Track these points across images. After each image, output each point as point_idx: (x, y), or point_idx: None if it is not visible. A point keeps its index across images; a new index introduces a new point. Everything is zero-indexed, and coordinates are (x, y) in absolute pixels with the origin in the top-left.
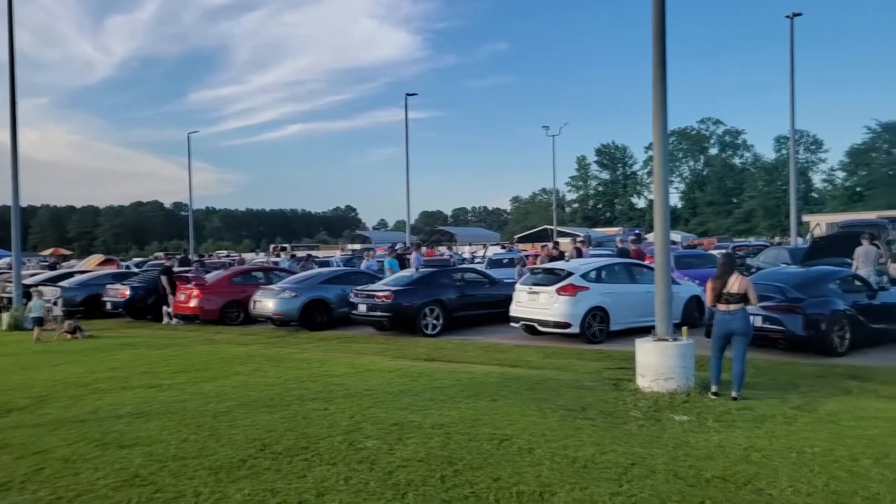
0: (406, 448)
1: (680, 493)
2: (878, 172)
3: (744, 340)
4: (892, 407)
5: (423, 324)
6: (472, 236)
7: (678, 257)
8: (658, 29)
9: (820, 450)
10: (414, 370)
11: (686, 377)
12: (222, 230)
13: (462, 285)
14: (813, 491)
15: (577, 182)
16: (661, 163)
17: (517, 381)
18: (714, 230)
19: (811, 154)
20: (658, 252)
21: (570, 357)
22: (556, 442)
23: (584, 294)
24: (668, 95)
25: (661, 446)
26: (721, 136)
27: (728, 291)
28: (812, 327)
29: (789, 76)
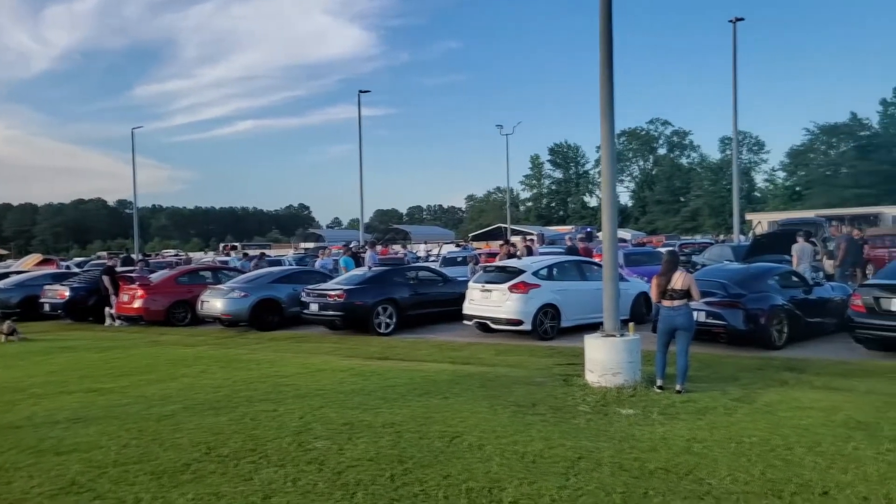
0: (356, 448)
1: (624, 485)
2: (815, 172)
3: (687, 335)
4: (825, 397)
5: (377, 322)
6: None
7: (627, 255)
8: (605, 30)
9: (757, 439)
10: (366, 369)
11: (633, 372)
12: (169, 228)
13: (415, 284)
14: (750, 479)
15: (530, 181)
16: (609, 162)
17: (469, 378)
18: (662, 228)
19: (754, 155)
20: (606, 250)
21: (522, 354)
22: (506, 438)
23: (536, 291)
24: (615, 96)
25: (608, 440)
26: (669, 136)
27: (672, 288)
28: (752, 322)
29: (732, 80)
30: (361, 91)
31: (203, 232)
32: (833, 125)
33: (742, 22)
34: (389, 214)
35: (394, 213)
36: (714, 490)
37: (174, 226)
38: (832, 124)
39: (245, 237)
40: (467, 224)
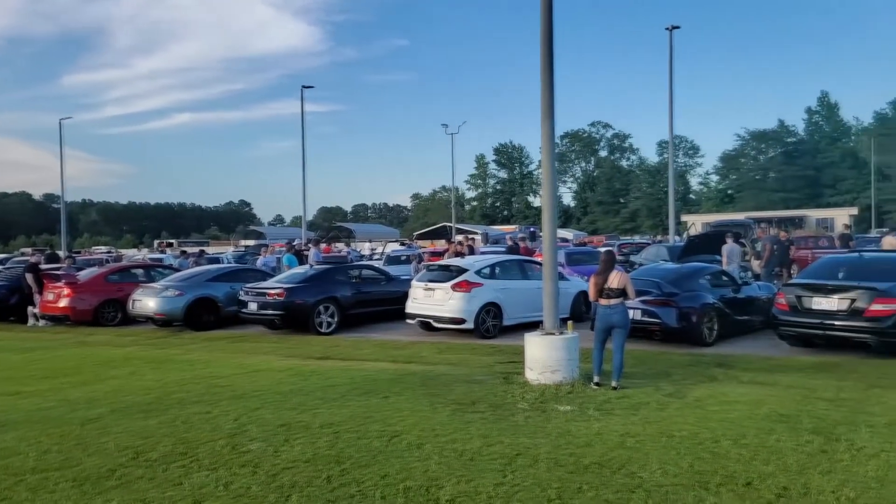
0: (293, 449)
1: (560, 480)
2: (746, 177)
3: (623, 333)
4: (751, 391)
5: (318, 322)
6: (372, 233)
7: (569, 254)
8: (545, 33)
9: (687, 433)
10: (306, 369)
11: (571, 369)
12: (100, 224)
13: (358, 282)
14: (679, 472)
15: (475, 180)
16: (549, 163)
17: (411, 377)
18: (603, 228)
19: (689, 158)
20: (546, 249)
21: (464, 352)
22: (445, 436)
23: (479, 290)
24: (558, 98)
25: (545, 436)
26: (610, 139)
27: (609, 287)
28: (684, 319)
29: (668, 86)
30: (305, 87)
31: (137, 228)
32: (762, 131)
33: (679, 30)
34: (334, 212)
35: (338, 211)
36: (645, 483)
37: (105, 221)
38: (761, 131)
39: (182, 234)
40: (412, 223)
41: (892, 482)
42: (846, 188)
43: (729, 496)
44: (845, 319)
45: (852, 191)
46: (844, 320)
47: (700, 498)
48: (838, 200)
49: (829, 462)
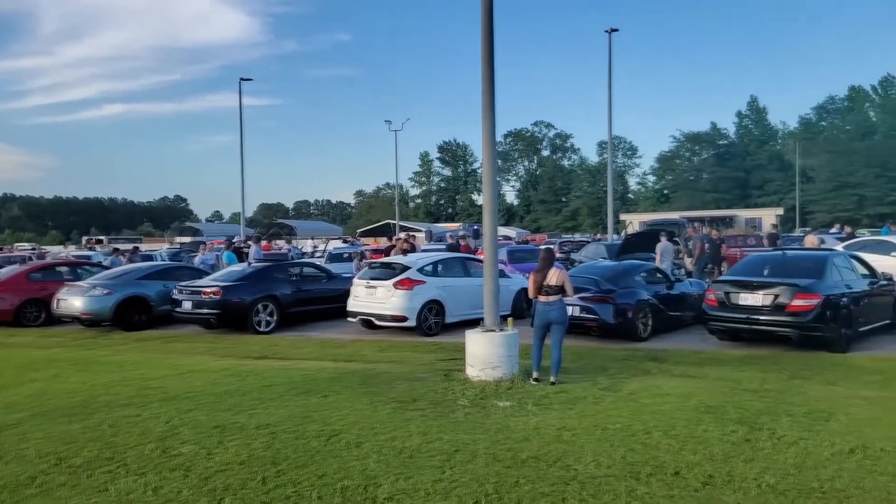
0: (227, 451)
1: (497, 475)
2: (681, 177)
3: (561, 329)
4: (682, 384)
5: (256, 320)
6: (314, 230)
7: (511, 252)
8: (486, 30)
9: (621, 426)
10: (242, 369)
11: (511, 365)
12: (23, 220)
13: (298, 280)
14: (612, 463)
15: (420, 178)
16: (490, 161)
17: (351, 375)
18: (546, 227)
19: (628, 159)
20: (486, 247)
21: (406, 350)
22: (384, 434)
23: (421, 288)
24: (500, 97)
25: (484, 432)
26: (552, 138)
27: (547, 284)
28: (621, 316)
29: (608, 87)
30: (243, 79)
31: (64, 224)
32: (696, 134)
33: (619, 33)
34: (275, 209)
35: (279, 208)
36: (580, 475)
37: (29, 217)
38: (695, 133)
39: (113, 230)
40: (356, 220)
41: (809, 468)
42: (773, 189)
43: (658, 485)
44: (769, 314)
45: (779, 192)
46: (769, 315)
47: (631, 488)
48: (766, 201)
49: (752, 450)
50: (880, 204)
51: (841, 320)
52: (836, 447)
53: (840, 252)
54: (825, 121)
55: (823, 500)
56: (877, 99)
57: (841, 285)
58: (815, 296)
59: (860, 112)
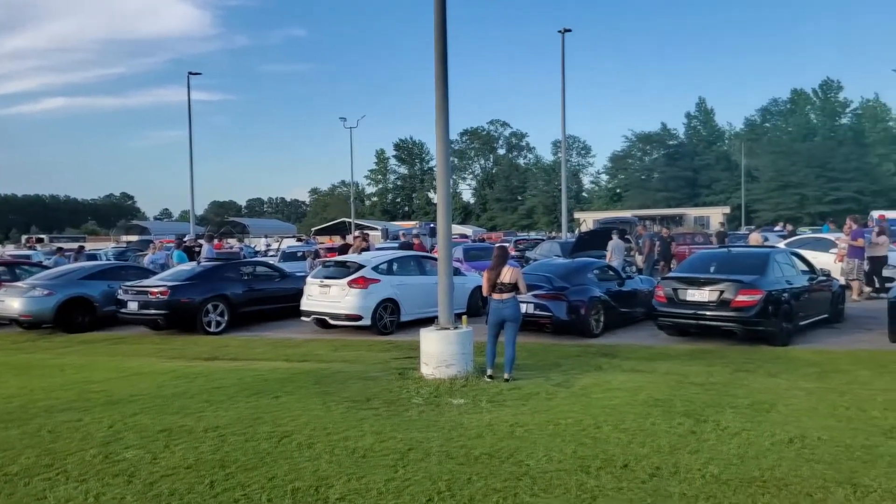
0: (173, 455)
1: (450, 473)
2: (633, 176)
3: (514, 326)
4: (632, 379)
5: (206, 321)
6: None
7: (466, 250)
8: (439, 26)
9: (572, 421)
10: (191, 371)
11: (465, 363)
12: None
13: (250, 279)
14: (563, 458)
15: (376, 175)
16: (444, 159)
17: (304, 375)
18: (502, 225)
19: (582, 158)
20: (441, 245)
21: (360, 349)
22: (337, 434)
23: (376, 286)
24: (456, 95)
25: (438, 430)
26: (508, 137)
27: (501, 281)
28: (574, 312)
29: (561, 87)
30: (192, 73)
31: (2, 223)
32: (647, 134)
33: (573, 33)
34: (227, 206)
35: (232, 206)
36: (531, 471)
37: None
38: (646, 133)
39: (55, 228)
40: (311, 218)
41: (751, 458)
42: (720, 188)
43: (608, 478)
44: (715, 310)
45: (725, 191)
46: (714, 310)
47: (581, 482)
48: (713, 200)
49: (697, 442)
50: (820, 203)
51: (782, 315)
52: (776, 437)
53: (781, 249)
54: (769, 122)
55: (764, 488)
56: (817, 102)
57: (782, 281)
58: (757, 291)
59: (801, 114)
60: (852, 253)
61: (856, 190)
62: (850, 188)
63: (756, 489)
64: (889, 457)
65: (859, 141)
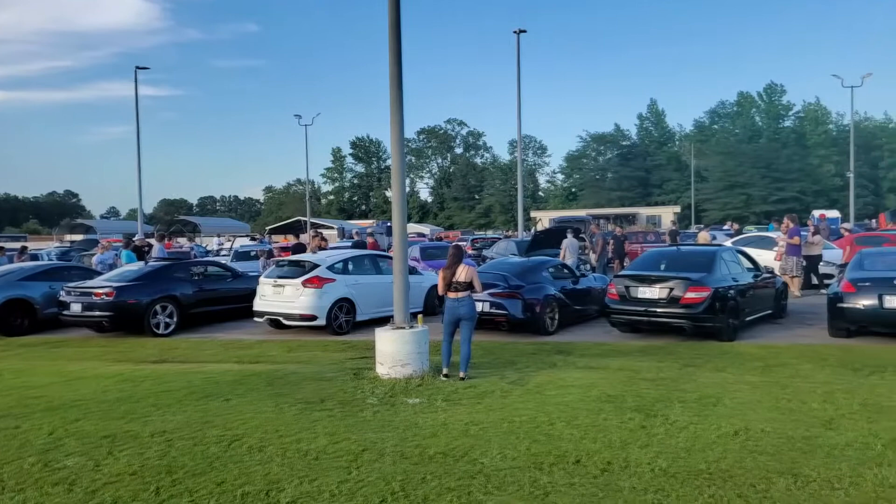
0: (117, 462)
1: (404, 473)
2: (588, 176)
3: (470, 325)
4: (585, 375)
5: (154, 322)
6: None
7: (423, 249)
8: (393, 23)
9: (526, 418)
10: (138, 374)
11: (421, 362)
12: None
13: (200, 279)
14: (517, 455)
15: (332, 174)
16: (398, 157)
17: (256, 377)
18: (459, 224)
19: (538, 158)
20: (396, 244)
21: (315, 349)
22: (289, 437)
23: (331, 286)
24: (412, 94)
25: (393, 430)
26: (465, 136)
27: (456, 280)
28: (529, 310)
29: (517, 87)
30: (139, 67)
31: None
32: (601, 134)
33: (529, 34)
34: (177, 205)
35: (182, 204)
36: (485, 469)
37: None
38: (600, 133)
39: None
40: (266, 216)
41: (697, 451)
42: (671, 188)
43: (560, 474)
44: (665, 306)
45: (676, 190)
46: (664, 307)
47: (534, 478)
48: (665, 199)
49: (647, 436)
50: (765, 202)
51: (728, 311)
52: (722, 430)
53: (728, 247)
54: (717, 124)
55: (710, 480)
56: (762, 104)
57: (728, 278)
58: (705, 288)
59: (747, 116)
60: (790, 251)
61: (798, 190)
62: (793, 188)
63: (702, 481)
64: (828, 447)
65: (801, 143)
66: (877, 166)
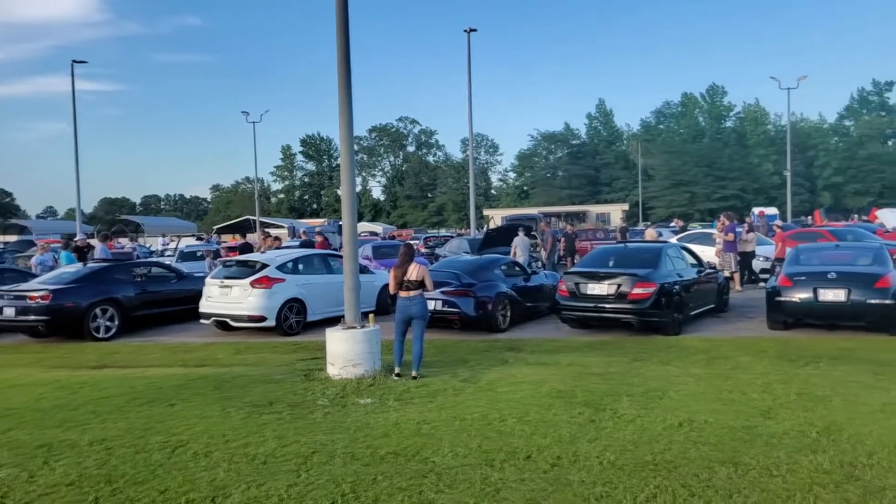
0: (53, 473)
1: (355, 474)
2: (539, 174)
3: (421, 323)
4: (536, 372)
5: (93, 326)
6: (165, 226)
7: (376, 248)
8: (341, 24)
9: (478, 415)
10: (75, 381)
11: (373, 362)
12: None
13: (143, 281)
14: (469, 453)
15: (282, 172)
16: (348, 155)
17: (202, 381)
18: (412, 222)
19: (490, 156)
20: (346, 242)
21: (264, 351)
22: (236, 441)
23: (280, 286)
24: (363, 91)
25: (344, 431)
26: (417, 135)
27: (408, 279)
28: (481, 308)
29: (467, 85)
30: (76, 61)
31: None
32: (552, 133)
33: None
34: (119, 204)
35: (124, 203)
36: (437, 467)
37: None
38: (551, 132)
39: None
40: (213, 215)
41: (644, 443)
42: (620, 186)
43: (511, 470)
44: (614, 302)
45: (624, 189)
46: (613, 303)
47: (486, 475)
48: (613, 197)
49: (595, 430)
50: (709, 200)
51: (674, 306)
52: (667, 422)
53: (673, 244)
54: (662, 124)
55: (656, 471)
56: (705, 105)
57: (674, 274)
58: (651, 284)
59: (691, 117)
60: (726, 247)
61: (739, 188)
62: (734, 186)
63: (648, 473)
64: (766, 436)
65: (742, 143)
66: (812, 165)
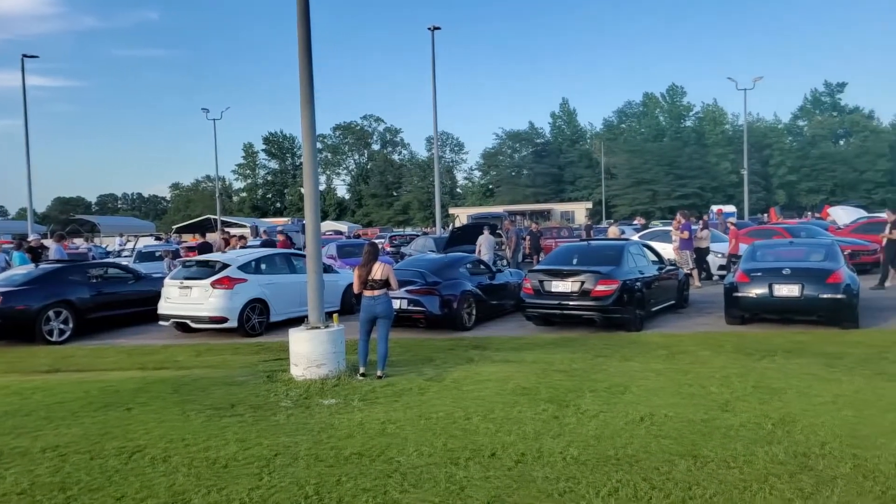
0: (3, 481)
1: (319, 476)
2: (504, 173)
3: (386, 322)
4: (501, 369)
5: (46, 329)
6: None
7: (340, 247)
8: (302, 20)
9: (443, 414)
10: (27, 386)
11: (337, 362)
12: None
13: (99, 282)
14: (434, 451)
15: (244, 170)
16: (310, 154)
17: (161, 384)
18: (377, 221)
19: (455, 154)
20: (309, 241)
21: (225, 353)
22: (196, 445)
23: (242, 286)
24: (327, 89)
25: (307, 432)
26: (382, 133)
27: (372, 278)
28: (446, 307)
29: (432, 83)
30: (26, 56)
31: None
32: (516, 132)
33: (444, 31)
34: (73, 203)
35: (79, 202)
36: (402, 467)
37: None
38: (516, 131)
39: None
40: (172, 215)
41: (606, 438)
42: (583, 185)
43: (476, 468)
44: (577, 300)
45: (588, 187)
46: (577, 300)
47: (451, 473)
48: (577, 195)
49: (559, 426)
50: (669, 198)
51: (636, 302)
52: (629, 417)
53: (634, 241)
54: (624, 123)
55: (618, 465)
56: (665, 105)
57: (635, 271)
58: (613, 281)
59: (652, 116)
60: (682, 245)
61: (699, 186)
62: (694, 184)
63: (611, 467)
64: (724, 428)
65: (701, 142)
66: (767, 164)
